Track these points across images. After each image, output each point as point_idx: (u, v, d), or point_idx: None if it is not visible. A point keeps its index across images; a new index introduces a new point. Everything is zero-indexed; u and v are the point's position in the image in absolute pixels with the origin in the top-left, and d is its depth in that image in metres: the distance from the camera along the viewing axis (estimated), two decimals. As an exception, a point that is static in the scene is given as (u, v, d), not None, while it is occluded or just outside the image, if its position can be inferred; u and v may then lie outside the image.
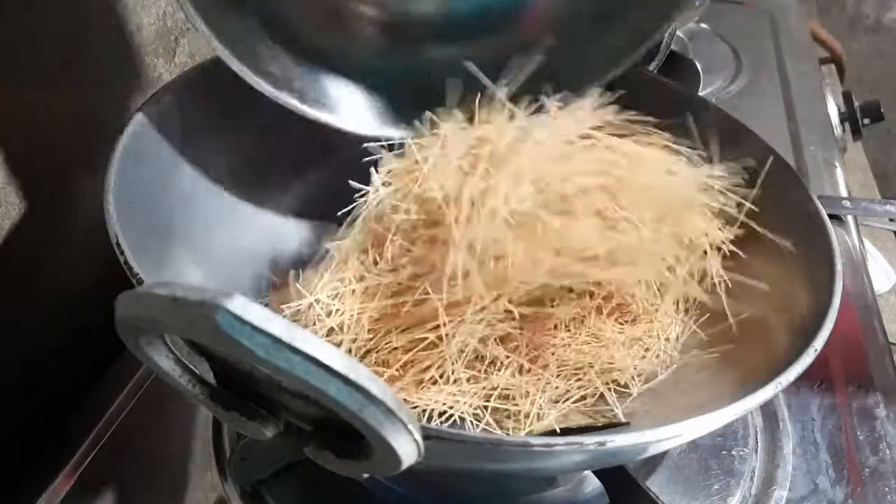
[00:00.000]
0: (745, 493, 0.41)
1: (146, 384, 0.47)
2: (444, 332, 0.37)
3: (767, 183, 0.45)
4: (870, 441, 0.44)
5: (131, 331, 0.24)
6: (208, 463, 0.42)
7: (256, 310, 0.20)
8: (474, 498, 0.41)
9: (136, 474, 0.42)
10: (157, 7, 0.54)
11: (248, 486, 0.39)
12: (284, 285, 0.42)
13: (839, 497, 0.41)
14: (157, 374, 0.27)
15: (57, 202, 0.46)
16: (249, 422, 0.28)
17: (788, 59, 0.89)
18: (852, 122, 0.86)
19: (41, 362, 0.47)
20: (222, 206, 0.45)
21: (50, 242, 0.47)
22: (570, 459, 0.31)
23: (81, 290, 0.50)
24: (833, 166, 0.71)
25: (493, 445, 0.28)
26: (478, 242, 0.36)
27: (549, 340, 0.40)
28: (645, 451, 0.33)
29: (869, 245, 0.71)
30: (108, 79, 0.50)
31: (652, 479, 0.41)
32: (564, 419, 0.38)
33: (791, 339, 0.37)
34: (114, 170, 0.36)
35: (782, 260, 0.42)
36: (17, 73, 0.42)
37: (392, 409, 0.22)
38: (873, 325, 0.53)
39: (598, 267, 0.38)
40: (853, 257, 0.59)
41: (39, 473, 0.42)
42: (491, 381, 0.37)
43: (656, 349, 0.41)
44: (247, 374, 0.26)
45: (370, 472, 0.26)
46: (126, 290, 0.23)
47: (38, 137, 0.44)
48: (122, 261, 0.31)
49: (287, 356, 0.21)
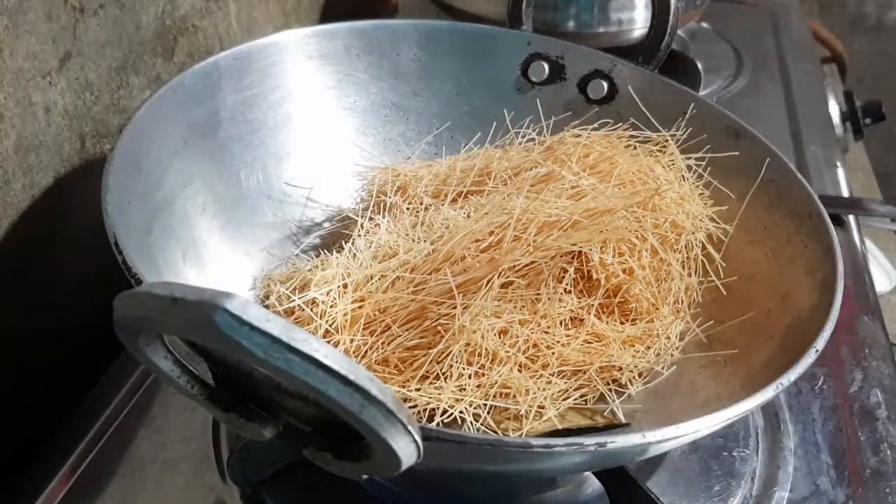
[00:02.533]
0: (746, 495, 0.41)
1: (145, 385, 0.47)
2: (458, 308, 0.37)
3: (768, 182, 0.45)
4: (871, 442, 0.44)
5: (130, 331, 0.23)
6: (207, 464, 0.42)
7: (255, 310, 0.20)
8: (474, 499, 0.41)
9: (135, 475, 0.41)
10: (156, 6, 0.54)
11: (247, 487, 0.39)
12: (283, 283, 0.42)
13: (840, 498, 0.41)
14: (155, 374, 0.26)
15: (55, 202, 0.46)
16: (248, 423, 0.27)
17: (790, 59, 0.89)
18: (853, 121, 0.86)
19: (39, 362, 0.47)
20: (221, 205, 0.45)
21: (48, 242, 0.47)
22: (571, 460, 0.31)
23: (80, 290, 0.50)
24: (834, 166, 0.70)
25: (492, 446, 0.28)
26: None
27: (548, 338, 0.40)
28: (645, 452, 0.33)
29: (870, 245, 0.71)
30: (107, 78, 0.50)
31: (653, 479, 0.41)
32: (564, 419, 0.38)
33: (792, 340, 0.37)
34: (112, 170, 0.36)
35: (783, 260, 0.42)
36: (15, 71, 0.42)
37: (392, 409, 0.22)
38: (874, 325, 0.52)
39: (564, 234, 0.40)
40: (854, 257, 0.59)
41: (37, 474, 0.42)
42: (490, 377, 0.37)
43: (657, 348, 0.41)
44: (246, 374, 0.26)
45: (369, 474, 0.26)
46: (124, 291, 0.23)
47: (37, 137, 0.44)
48: (121, 260, 0.31)
49: (286, 356, 0.20)
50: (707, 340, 0.42)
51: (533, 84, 0.54)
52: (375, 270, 0.40)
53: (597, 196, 0.42)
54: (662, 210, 0.43)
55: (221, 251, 0.44)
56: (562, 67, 0.54)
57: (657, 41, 0.53)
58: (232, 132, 0.47)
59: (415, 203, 0.47)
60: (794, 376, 0.31)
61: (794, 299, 0.40)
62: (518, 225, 0.40)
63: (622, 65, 0.52)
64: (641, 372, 0.41)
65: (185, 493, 0.41)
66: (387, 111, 0.54)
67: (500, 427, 0.37)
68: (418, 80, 0.54)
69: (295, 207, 0.50)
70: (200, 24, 0.60)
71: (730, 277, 0.43)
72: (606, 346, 0.40)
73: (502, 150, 0.50)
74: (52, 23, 0.44)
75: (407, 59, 0.53)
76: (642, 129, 0.49)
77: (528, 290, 0.40)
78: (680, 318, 0.43)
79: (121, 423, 0.44)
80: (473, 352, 0.38)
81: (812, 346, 0.33)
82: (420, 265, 0.40)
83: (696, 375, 0.41)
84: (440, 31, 0.54)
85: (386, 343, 0.38)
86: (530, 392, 0.38)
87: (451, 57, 0.54)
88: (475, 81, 0.54)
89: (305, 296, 0.40)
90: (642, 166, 0.46)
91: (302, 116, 0.50)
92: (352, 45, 0.52)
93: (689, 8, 0.74)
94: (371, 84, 0.53)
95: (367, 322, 0.39)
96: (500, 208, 0.42)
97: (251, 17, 0.68)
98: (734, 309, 0.42)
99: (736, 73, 0.85)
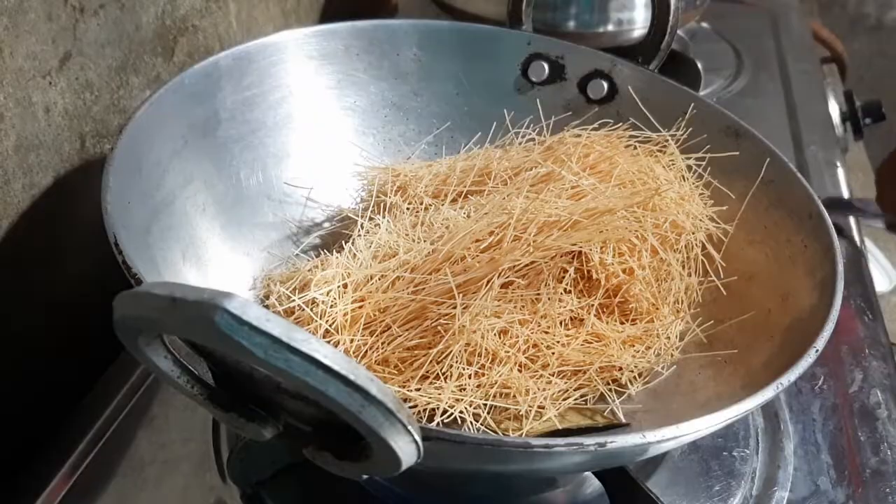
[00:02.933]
0: (746, 495, 0.41)
1: (145, 385, 0.47)
2: (458, 308, 0.37)
3: (768, 182, 0.45)
4: (871, 442, 0.44)
5: (130, 331, 0.23)
6: (207, 464, 0.42)
7: (255, 310, 0.20)
8: (474, 499, 0.41)
9: (135, 475, 0.41)
10: (156, 6, 0.54)
11: (247, 487, 0.39)
12: (283, 283, 0.42)
13: (840, 498, 0.41)
14: (155, 374, 0.26)
15: (55, 202, 0.46)
16: (248, 423, 0.27)
17: (790, 59, 0.88)
18: (854, 121, 0.86)
19: (39, 362, 0.47)
20: (221, 205, 0.45)
21: (48, 242, 0.47)
22: (571, 460, 0.31)
23: (80, 290, 0.50)
24: (834, 166, 0.70)
25: (492, 446, 0.28)
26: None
27: (548, 338, 0.40)
28: (645, 452, 0.33)
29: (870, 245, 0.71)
30: (107, 78, 0.50)
31: (653, 479, 0.41)
32: (564, 419, 0.38)
33: (792, 340, 0.37)
34: (112, 170, 0.36)
35: (783, 260, 0.42)
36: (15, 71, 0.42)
37: (392, 409, 0.22)
38: (874, 325, 0.52)
39: (564, 234, 0.40)
40: (854, 257, 0.59)
41: (37, 474, 0.42)
42: (490, 377, 0.37)
43: (657, 348, 0.41)
44: (246, 374, 0.26)
45: (369, 474, 0.26)
46: (124, 291, 0.23)
47: (37, 137, 0.44)
48: (121, 260, 0.31)
49: (286, 356, 0.20)
50: (707, 340, 0.42)
51: (533, 84, 0.54)
52: (375, 270, 0.40)
53: (597, 196, 0.42)
54: (662, 210, 0.43)
55: (221, 251, 0.44)
56: (562, 67, 0.54)
57: (657, 41, 0.53)
58: (232, 132, 0.47)
59: (415, 203, 0.47)
60: (794, 376, 0.31)
61: (794, 299, 0.39)
62: (518, 225, 0.40)
63: (622, 65, 0.52)
64: (641, 372, 0.41)
65: (185, 493, 0.41)
66: (387, 111, 0.54)
67: (500, 427, 0.37)
68: (418, 80, 0.54)
69: (295, 207, 0.50)
70: (200, 24, 0.60)
71: (730, 277, 0.43)
72: (606, 346, 0.40)
73: (502, 150, 0.50)
74: (52, 23, 0.44)
75: (407, 59, 0.53)
76: (642, 129, 0.49)
77: (528, 290, 0.40)
78: (680, 318, 0.43)
79: (121, 423, 0.44)
80: (473, 352, 0.38)
81: (812, 346, 0.33)
82: (420, 265, 0.40)
83: (696, 375, 0.41)
84: (440, 31, 0.54)
85: (386, 343, 0.38)
86: (530, 392, 0.38)
87: (451, 57, 0.54)
88: (475, 81, 0.54)
89: (305, 296, 0.40)
90: (642, 166, 0.46)
91: (302, 116, 0.50)
92: (352, 45, 0.52)
93: (689, 8, 0.74)
94: (371, 84, 0.53)
95: (367, 322, 0.39)
96: (500, 208, 0.42)
97: (251, 17, 0.68)
98: (734, 309, 0.42)
99: (736, 73, 0.85)
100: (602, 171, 0.46)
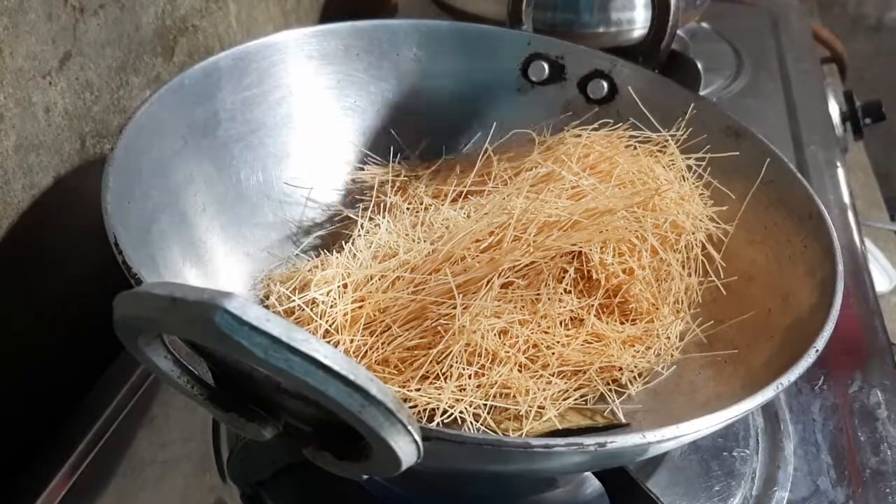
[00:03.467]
0: (746, 495, 0.41)
1: (145, 385, 0.47)
2: (458, 308, 0.37)
3: (768, 182, 0.45)
4: (871, 442, 0.44)
5: (130, 331, 0.23)
6: (207, 464, 0.42)
7: (255, 310, 0.20)
8: (474, 499, 0.41)
9: (134, 475, 0.41)
10: (156, 6, 0.54)
11: (247, 487, 0.39)
12: (283, 283, 0.42)
13: (840, 498, 0.41)
14: (155, 374, 0.26)
15: (55, 202, 0.46)
16: (248, 423, 0.27)
17: (790, 59, 0.88)
18: (854, 121, 0.86)
19: (39, 362, 0.47)
20: (221, 205, 0.45)
21: (48, 242, 0.47)
22: (571, 461, 0.31)
23: (80, 290, 0.50)
24: (834, 166, 0.70)
25: (492, 447, 0.28)
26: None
27: (548, 338, 0.40)
28: (645, 452, 0.33)
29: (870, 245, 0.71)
30: (107, 78, 0.50)
31: (653, 480, 0.41)
32: (564, 419, 0.38)
33: (792, 340, 0.37)
34: (112, 169, 0.36)
35: (783, 260, 0.42)
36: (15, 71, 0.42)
37: (392, 409, 0.22)
38: (874, 325, 0.52)
39: (564, 234, 0.40)
40: (854, 257, 0.59)
41: (37, 474, 0.42)
42: (490, 377, 0.37)
43: (657, 348, 0.41)
44: (246, 374, 0.26)
45: (369, 474, 0.26)
46: (124, 291, 0.23)
47: (37, 137, 0.44)
48: (121, 260, 0.31)
49: (286, 357, 0.20)
50: (707, 340, 0.42)
51: (533, 84, 0.54)
52: (375, 270, 0.40)
53: (597, 196, 0.42)
54: (662, 210, 0.43)
55: (221, 251, 0.44)
56: (562, 67, 0.54)
57: (657, 41, 0.53)
58: (232, 132, 0.47)
59: (415, 203, 0.47)
60: (794, 376, 0.31)
61: (794, 299, 0.39)
62: (518, 225, 0.40)
63: (622, 65, 0.52)
64: (641, 372, 0.41)
65: (185, 493, 0.41)
66: (387, 111, 0.54)
67: (500, 427, 0.37)
68: (418, 80, 0.54)
69: (295, 207, 0.50)
70: (200, 24, 0.60)
71: (730, 277, 0.43)
72: (606, 346, 0.40)
73: (502, 151, 0.50)
74: (52, 23, 0.44)
75: (407, 59, 0.53)
76: (642, 129, 0.49)
77: (528, 291, 0.40)
78: (680, 318, 0.43)
79: (121, 423, 0.44)
80: (473, 352, 0.38)
81: (812, 346, 0.33)
82: (420, 265, 0.40)
83: (696, 375, 0.41)
84: (440, 31, 0.54)
85: (386, 343, 0.38)
86: (530, 392, 0.38)
87: (451, 57, 0.54)
88: (475, 81, 0.54)
89: (305, 296, 0.40)
90: (642, 166, 0.46)
91: (302, 116, 0.50)
92: (352, 45, 0.52)
93: (689, 8, 0.74)
94: (371, 84, 0.53)
95: (367, 322, 0.39)
96: (500, 208, 0.42)
97: (251, 17, 0.68)
98: (734, 309, 0.42)
99: (736, 73, 0.85)
100: (602, 171, 0.46)
